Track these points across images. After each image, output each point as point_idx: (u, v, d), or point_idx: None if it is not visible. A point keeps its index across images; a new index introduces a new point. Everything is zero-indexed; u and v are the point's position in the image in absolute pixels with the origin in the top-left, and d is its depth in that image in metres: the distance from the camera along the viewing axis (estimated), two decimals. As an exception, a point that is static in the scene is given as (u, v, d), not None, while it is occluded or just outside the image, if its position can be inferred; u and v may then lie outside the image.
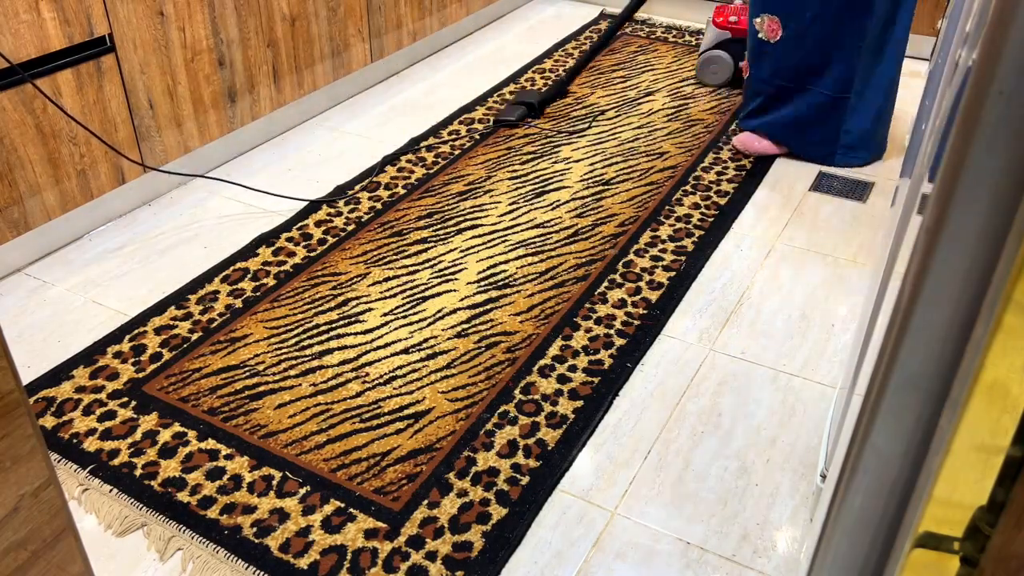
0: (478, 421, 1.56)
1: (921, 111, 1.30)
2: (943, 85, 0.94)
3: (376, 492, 1.42)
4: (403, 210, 2.17)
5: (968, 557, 0.65)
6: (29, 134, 1.83)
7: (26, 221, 1.89)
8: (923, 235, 0.58)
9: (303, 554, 1.32)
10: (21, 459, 0.74)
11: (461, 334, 1.76)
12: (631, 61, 3.00)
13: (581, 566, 1.32)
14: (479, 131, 2.54)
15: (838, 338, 1.77)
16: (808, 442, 1.53)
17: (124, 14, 1.95)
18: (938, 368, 0.61)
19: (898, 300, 0.62)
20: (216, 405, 1.59)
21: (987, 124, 0.52)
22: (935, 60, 1.24)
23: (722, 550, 1.34)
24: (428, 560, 1.31)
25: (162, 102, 2.10)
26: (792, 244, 2.06)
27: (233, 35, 2.22)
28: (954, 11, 1.06)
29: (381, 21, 2.73)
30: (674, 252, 2.02)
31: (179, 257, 2.01)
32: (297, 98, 2.50)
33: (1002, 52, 0.50)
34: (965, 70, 0.65)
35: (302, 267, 1.96)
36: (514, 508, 1.40)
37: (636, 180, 2.30)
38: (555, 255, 2.00)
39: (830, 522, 0.74)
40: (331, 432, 1.53)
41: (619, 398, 1.62)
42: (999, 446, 0.61)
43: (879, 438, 0.66)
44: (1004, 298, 0.55)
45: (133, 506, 1.40)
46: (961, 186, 0.54)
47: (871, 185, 2.30)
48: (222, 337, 1.75)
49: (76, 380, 1.65)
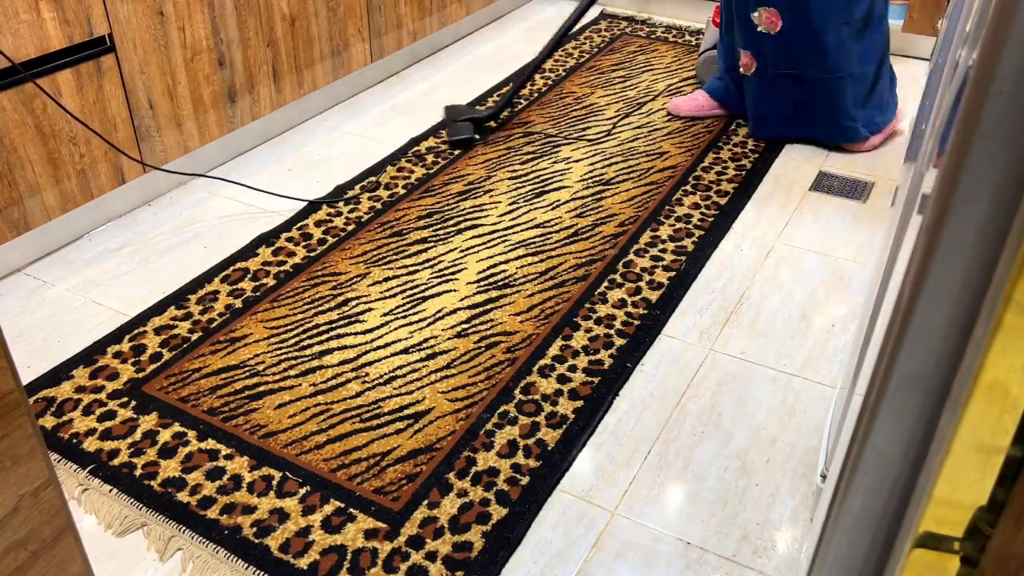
0: (478, 421, 1.56)
1: (921, 111, 1.30)
2: (943, 85, 0.94)
3: (376, 492, 1.42)
4: (403, 210, 2.17)
5: (968, 557, 0.65)
6: (29, 134, 1.83)
7: (26, 221, 1.89)
8: (923, 235, 0.58)
9: (303, 554, 1.32)
10: (21, 459, 0.74)
11: (461, 334, 1.76)
12: (631, 61, 3.00)
13: (581, 566, 1.32)
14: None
15: (838, 338, 1.77)
16: (808, 442, 1.53)
17: (124, 14, 1.95)
18: (938, 368, 0.61)
19: (898, 300, 0.62)
20: (216, 405, 1.59)
21: (987, 124, 0.52)
22: (935, 60, 1.24)
23: (722, 550, 1.34)
24: (428, 560, 1.31)
25: (162, 102, 2.10)
26: (792, 244, 2.06)
27: (233, 35, 2.22)
28: (954, 11, 1.06)
29: (381, 21, 2.73)
30: (674, 252, 2.01)
31: (179, 257, 2.01)
32: (297, 98, 2.50)
33: (1002, 52, 0.50)
34: (965, 70, 0.65)
35: (302, 267, 1.96)
36: (514, 508, 1.40)
37: (636, 180, 2.30)
38: (555, 255, 2.00)
39: (830, 522, 0.74)
40: (331, 432, 1.53)
41: (619, 398, 1.62)
42: (999, 446, 0.61)
43: (879, 438, 0.66)
44: (1004, 298, 0.55)
45: (133, 506, 1.40)
46: (961, 186, 0.54)
47: (871, 185, 2.30)
48: (222, 337, 1.75)
49: (76, 380, 1.65)
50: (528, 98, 2.74)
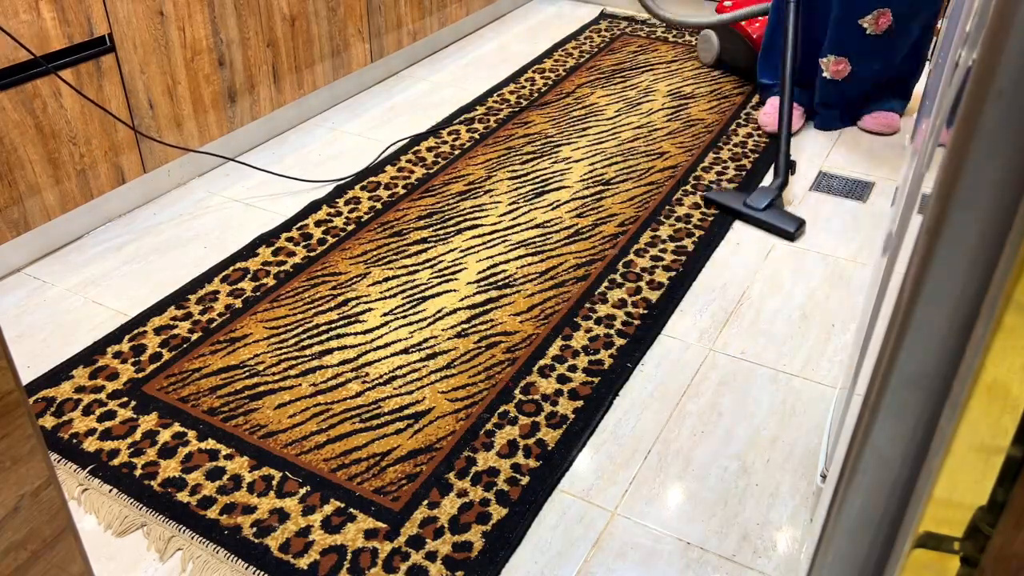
0: (478, 421, 1.56)
1: (921, 111, 1.30)
2: (943, 85, 0.94)
3: (376, 492, 1.42)
4: (403, 210, 2.17)
5: (968, 557, 0.65)
6: (29, 134, 1.83)
7: (26, 221, 1.89)
8: (923, 235, 0.58)
9: (303, 554, 1.32)
10: (21, 459, 0.74)
11: (461, 334, 1.76)
12: (631, 61, 3.00)
13: (581, 566, 1.32)
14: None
15: (838, 338, 1.77)
16: (808, 442, 1.53)
17: (124, 14, 1.95)
18: (938, 368, 0.61)
19: (898, 300, 0.62)
20: (216, 405, 1.59)
21: (987, 124, 0.52)
22: (935, 60, 1.24)
23: (722, 550, 1.34)
24: (428, 560, 1.31)
25: (162, 102, 2.10)
26: (792, 244, 2.06)
27: (233, 35, 2.22)
28: (954, 11, 1.06)
29: (381, 21, 2.73)
30: (674, 252, 2.01)
31: (179, 257, 2.01)
32: (297, 98, 2.50)
33: (1002, 52, 0.50)
34: (965, 70, 0.65)
35: (302, 267, 1.96)
36: (514, 508, 1.40)
37: (636, 180, 2.29)
38: (555, 255, 2.00)
39: (830, 522, 0.74)
40: (331, 432, 1.53)
41: (619, 398, 1.62)
42: (999, 446, 0.61)
43: (879, 438, 0.66)
44: (1004, 298, 0.55)
45: (133, 506, 1.40)
46: (961, 186, 0.54)
47: (871, 185, 2.30)
48: (222, 337, 1.75)
49: (76, 380, 1.65)
50: (528, 98, 2.74)
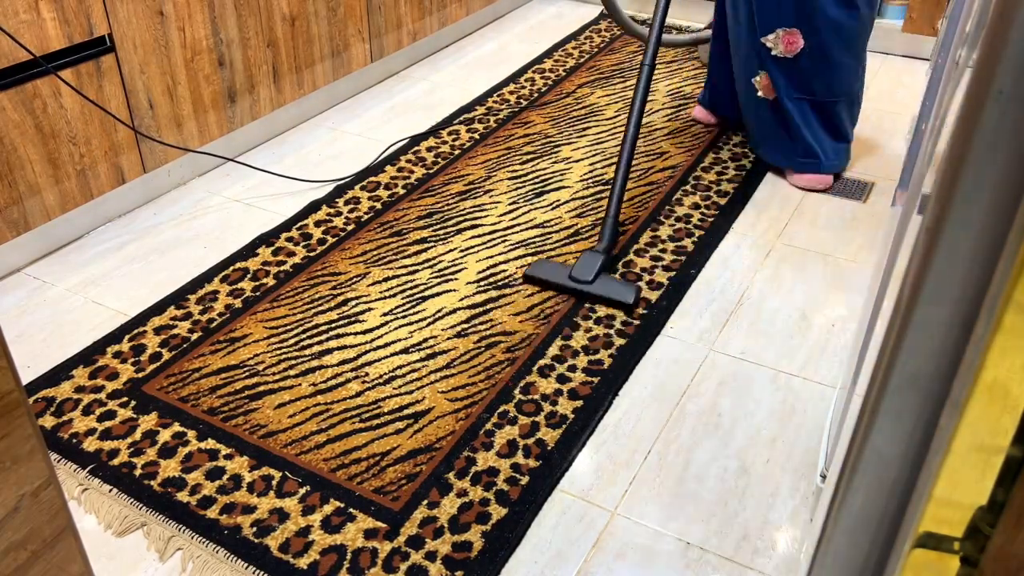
0: (478, 421, 1.56)
1: (921, 111, 1.30)
2: (943, 85, 0.94)
3: (376, 492, 1.42)
4: (403, 210, 2.17)
5: (968, 557, 0.65)
6: (29, 134, 1.83)
7: (26, 221, 1.89)
8: (923, 235, 0.58)
9: (303, 554, 1.32)
10: (21, 459, 0.74)
11: (461, 334, 1.76)
12: (631, 61, 3.00)
13: (581, 566, 1.32)
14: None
15: (838, 338, 1.77)
16: (808, 442, 1.53)
17: (124, 14, 1.95)
18: (938, 368, 0.61)
19: (898, 300, 0.62)
20: (216, 405, 1.59)
21: (987, 124, 0.52)
22: (935, 60, 1.24)
23: (722, 550, 1.34)
24: (428, 560, 1.31)
25: (162, 102, 2.10)
26: (792, 244, 2.06)
27: (233, 35, 2.22)
28: (954, 11, 1.06)
29: (381, 21, 2.73)
30: (674, 252, 2.01)
31: (179, 257, 2.01)
32: (297, 98, 2.50)
33: (1002, 52, 0.50)
34: (965, 70, 0.65)
35: (302, 267, 1.96)
36: (514, 508, 1.40)
37: (636, 180, 2.29)
38: (555, 255, 2.00)
39: (830, 522, 0.74)
40: (331, 432, 1.53)
41: (619, 398, 1.62)
42: (999, 446, 0.60)
43: (879, 438, 0.66)
44: (1004, 298, 0.55)
45: (133, 506, 1.40)
46: (961, 186, 0.54)
47: (871, 185, 2.30)
48: (222, 337, 1.75)
49: (76, 380, 1.65)
50: (528, 98, 2.74)
